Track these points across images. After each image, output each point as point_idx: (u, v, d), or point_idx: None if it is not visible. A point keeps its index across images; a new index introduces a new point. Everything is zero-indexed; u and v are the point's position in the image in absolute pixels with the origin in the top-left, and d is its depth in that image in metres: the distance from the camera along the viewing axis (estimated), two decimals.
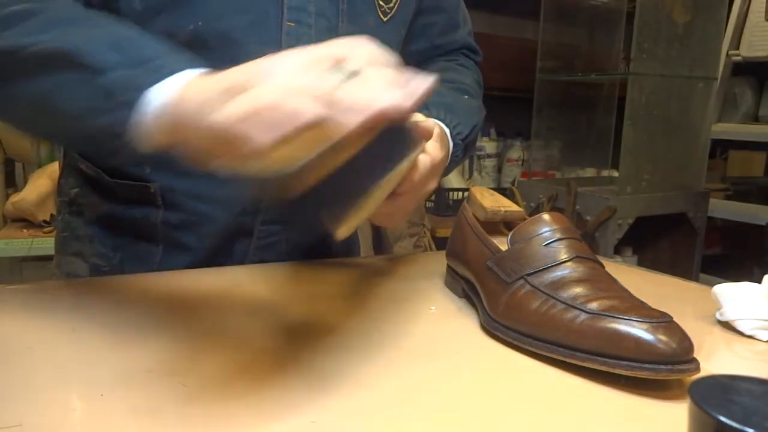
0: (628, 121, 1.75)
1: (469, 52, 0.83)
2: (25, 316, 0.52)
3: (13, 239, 1.59)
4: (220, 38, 0.57)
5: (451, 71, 0.77)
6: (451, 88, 0.72)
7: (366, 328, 0.51)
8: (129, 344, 0.45)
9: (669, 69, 1.81)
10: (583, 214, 1.81)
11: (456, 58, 0.81)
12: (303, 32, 0.61)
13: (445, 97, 0.68)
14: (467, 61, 0.82)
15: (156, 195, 0.64)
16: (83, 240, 0.68)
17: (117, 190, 0.65)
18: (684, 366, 0.39)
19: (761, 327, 0.51)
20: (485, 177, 2.51)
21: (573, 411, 0.38)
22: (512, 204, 0.63)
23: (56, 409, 0.36)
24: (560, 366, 0.44)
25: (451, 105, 0.67)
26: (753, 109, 2.36)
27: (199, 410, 0.36)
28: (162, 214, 0.64)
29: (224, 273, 0.64)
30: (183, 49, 0.44)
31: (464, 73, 0.78)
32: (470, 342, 0.49)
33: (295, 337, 0.48)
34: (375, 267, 0.69)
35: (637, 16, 1.73)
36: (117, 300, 0.55)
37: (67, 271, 0.69)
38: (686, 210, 1.93)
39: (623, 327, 0.41)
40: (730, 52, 2.20)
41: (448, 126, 0.64)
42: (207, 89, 0.38)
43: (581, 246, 0.50)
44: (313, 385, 0.40)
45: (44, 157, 1.95)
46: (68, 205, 0.70)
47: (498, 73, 2.23)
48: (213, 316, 0.52)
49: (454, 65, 0.79)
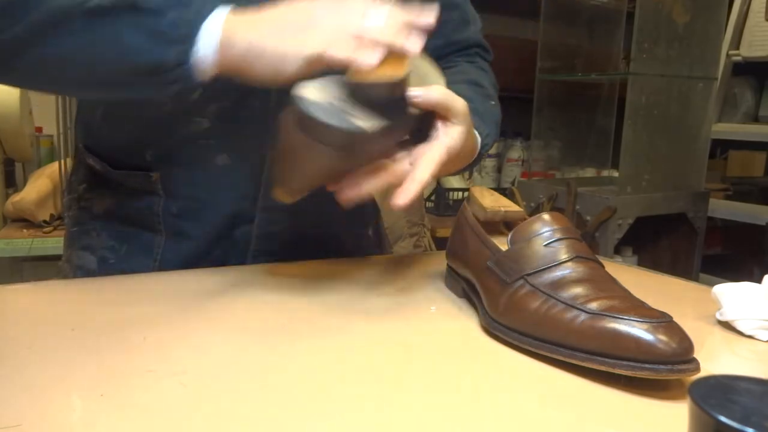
0: (628, 121, 1.75)
1: (483, 51, 0.83)
2: (25, 316, 0.52)
3: (13, 239, 1.59)
4: None
5: (474, 74, 0.77)
6: (479, 93, 0.72)
7: (366, 327, 0.51)
8: (129, 344, 0.45)
9: (669, 69, 1.81)
10: (583, 214, 1.82)
11: (474, 59, 0.81)
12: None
13: (475, 104, 0.66)
14: (484, 64, 0.82)
15: (157, 183, 0.66)
16: (91, 234, 0.70)
17: (121, 181, 0.68)
18: (684, 366, 0.39)
19: (761, 327, 0.51)
20: (485, 177, 2.52)
21: (573, 411, 0.38)
22: (512, 204, 0.63)
23: (56, 409, 0.36)
24: (560, 366, 0.44)
25: (482, 113, 0.66)
26: (753, 109, 2.36)
27: (199, 410, 0.36)
28: (163, 202, 0.67)
29: (224, 273, 0.64)
30: None
31: (484, 77, 0.78)
32: (470, 342, 0.49)
33: (295, 337, 0.48)
34: (375, 267, 0.69)
35: (637, 16, 1.73)
36: (117, 300, 0.55)
37: (77, 264, 0.71)
38: (686, 210, 1.93)
39: (623, 327, 0.41)
40: (730, 52, 2.20)
41: (480, 135, 0.64)
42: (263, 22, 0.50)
43: (581, 246, 0.50)
44: (313, 384, 0.40)
45: (44, 157, 1.96)
46: (77, 201, 0.72)
47: (498, 73, 2.22)
48: (213, 315, 0.52)
49: (475, 68, 0.79)
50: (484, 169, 2.51)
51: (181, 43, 0.49)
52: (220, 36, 0.50)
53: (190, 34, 0.49)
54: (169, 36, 0.49)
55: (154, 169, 0.66)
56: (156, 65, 0.50)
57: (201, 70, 0.51)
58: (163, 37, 0.50)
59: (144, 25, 0.50)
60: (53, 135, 1.91)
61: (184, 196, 0.66)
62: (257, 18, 0.50)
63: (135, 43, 0.50)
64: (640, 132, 1.77)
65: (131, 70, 0.52)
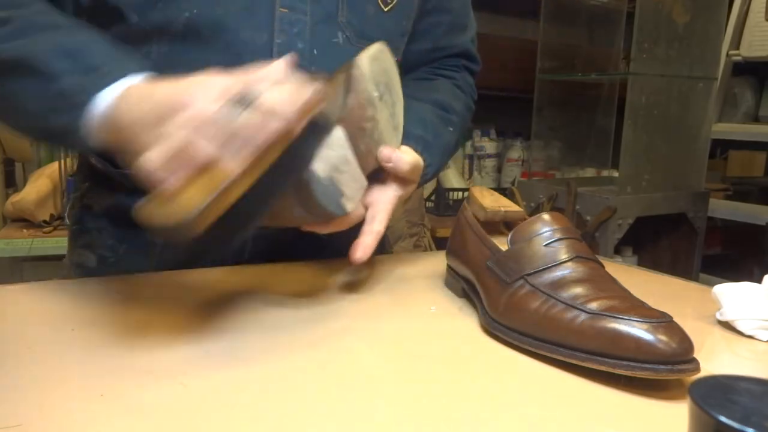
0: (628, 121, 1.75)
1: (468, 62, 0.82)
2: (25, 316, 0.52)
3: (13, 239, 1.59)
4: (213, 26, 0.58)
5: (448, 93, 0.77)
6: (440, 117, 0.73)
7: (366, 328, 0.51)
8: (129, 344, 0.45)
9: (669, 69, 1.81)
10: (583, 214, 1.81)
11: (455, 74, 0.81)
12: (297, 18, 0.61)
13: (427, 131, 0.69)
14: (466, 80, 0.82)
15: None
16: (92, 232, 0.71)
17: (121, 181, 0.67)
18: (684, 366, 0.39)
19: (761, 327, 0.51)
20: (485, 177, 2.51)
21: (573, 411, 0.38)
22: (512, 204, 0.63)
23: (56, 409, 0.36)
24: (560, 366, 0.44)
25: (430, 143, 0.68)
26: (753, 109, 2.36)
27: (199, 410, 0.36)
28: None
29: (224, 273, 0.64)
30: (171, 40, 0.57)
31: (458, 98, 0.78)
32: (470, 342, 0.49)
33: (294, 337, 0.48)
34: (375, 267, 0.69)
35: (637, 16, 1.73)
36: (117, 300, 0.55)
37: (77, 262, 0.71)
38: (686, 210, 1.93)
39: (623, 327, 0.41)
40: (730, 52, 2.20)
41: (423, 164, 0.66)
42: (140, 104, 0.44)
43: (581, 246, 0.50)
44: (312, 384, 0.40)
45: (44, 157, 1.96)
46: (80, 200, 0.73)
47: (498, 73, 2.23)
48: (213, 316, 0.52)
49: (451, 86, 0.79)
50: (484, 169, 2.51)
51: (70, 111, 0.48)
52: (106, 110, 0.46)
53: (82, 103, 0.47)
54: (61, 103, 0.48)
55: None
56: (52, 130, 0.50)
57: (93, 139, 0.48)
58: (56, 104, 0.48)
59: (39, 90, 0.49)
60: None
61: None
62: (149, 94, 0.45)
63: (31, 107, 0.50)
64: (640, 132, 1.77)
65: (35, 129, 0.53)
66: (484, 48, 0.84)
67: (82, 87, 0.47)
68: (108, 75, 0.47)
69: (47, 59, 0.49)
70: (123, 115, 0.45)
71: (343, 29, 0.64)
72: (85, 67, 0.48)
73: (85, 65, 0.48)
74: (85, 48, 0.50)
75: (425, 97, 0.73)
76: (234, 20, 0.59)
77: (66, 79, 0.48)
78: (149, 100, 0.44)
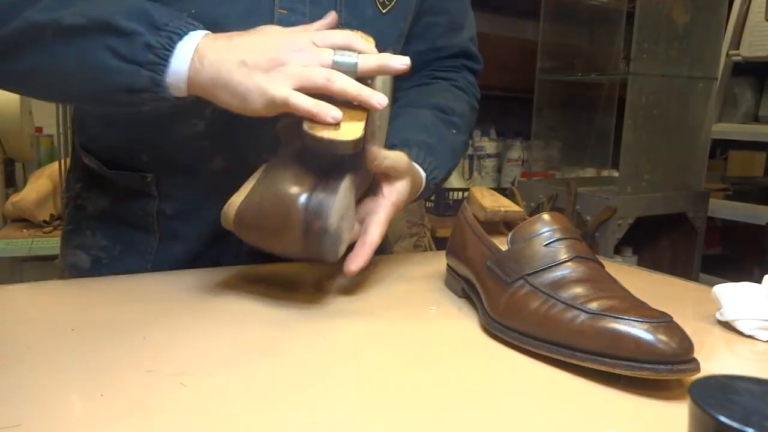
0: (628, 121, 1.75)
1: (468, 61, 0.82)
2: (25, 316, 0.52)
3: (13, 239, 1.59)
4: (213, 26, 0.58)
5: (448, 95, 0.77)
6: (442, 120, 0.72)
7: (366, 328, 0.51)
8: (129, 344, 0.45)
9: (669, 69, 1.81)
10: (583, 214, 1.81)
11: (455, 75, 0.80)
12: (297, 20, 0.61)
13: (430, 135, 0.69)
14: (467, 79, 0.81)
15: (151, 184, 0.66)
16: (85, 233, 0.70)
17: (116, 182, 0.68)
18: (684, 366, 0.39)
19: (761, 327, 0.51)
20: (485, 177, 2.51)
21: (573, 411, 0.38)
22: (512, 204, 0.63)
23: (56, 409, 0.36)
24: (560, 366, 0.44)
25: (434, 146, 0.68)
26: (753, 109, 2.36)
27: (199, 410, 0.36)
28: (157, 204, 0.67)
29: (224, 273, 0.64)
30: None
31: (459, 99, 0.77)
32: (470, 342, 0.49)
33: (293, 337, 0.48)
34: (375, 267, 0.69)
35: (637, 16, 1.73)
36: (117, 300, 0.55)
37: (71, 263, 0.71)
38: (686, 210, 1.93)
39: (623, 327, 0.41)
40: (730, 52, 2.20)
41: (426, 169, 0.66)
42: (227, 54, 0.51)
43: (581, 246, 0.50)
44: (312, 385, 0.40)
45: (44, 157, 1.96)
46: (74, 200, 0.73)
47: (498, 73, 2.23)
48: (213, 315, 0.52)
49: (451, 87, 0.79)
50: (484, 169, 2.51)
51: (152, 68, 0.51)
52: (188, 64, 0.51)
53: (162, 60, 0.51)
54: (140, 60, 0.50)
55: (148, 170, 0.66)
56: (128, 87, 0.52)
57: (173, 92, 0.52)
58: (135, 62, 0.51)
59: (116, 48, 0.51)
60: (53, 135, 1.91)
61: (178, 198, 0.67)
62: (228, 47, 0.51)
63: (107, 65, 0.51)
64: (640, 132, 1.77)
65: (105, 89, 0.53)
66: (484, 48, 0.84)
67: (159, 44, 0.50)
68: (176, 31, 0.51)
69: (123, 18, 0.50)
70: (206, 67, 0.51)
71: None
72: (156, 25, 0.51)
73: (155, 23, 0.51)
74: (148, 8, 0.52)
75: (424, 103, 0.73)
76: (234, 21, 0.59)
77: (143, 36, 0.50)
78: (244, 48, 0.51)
